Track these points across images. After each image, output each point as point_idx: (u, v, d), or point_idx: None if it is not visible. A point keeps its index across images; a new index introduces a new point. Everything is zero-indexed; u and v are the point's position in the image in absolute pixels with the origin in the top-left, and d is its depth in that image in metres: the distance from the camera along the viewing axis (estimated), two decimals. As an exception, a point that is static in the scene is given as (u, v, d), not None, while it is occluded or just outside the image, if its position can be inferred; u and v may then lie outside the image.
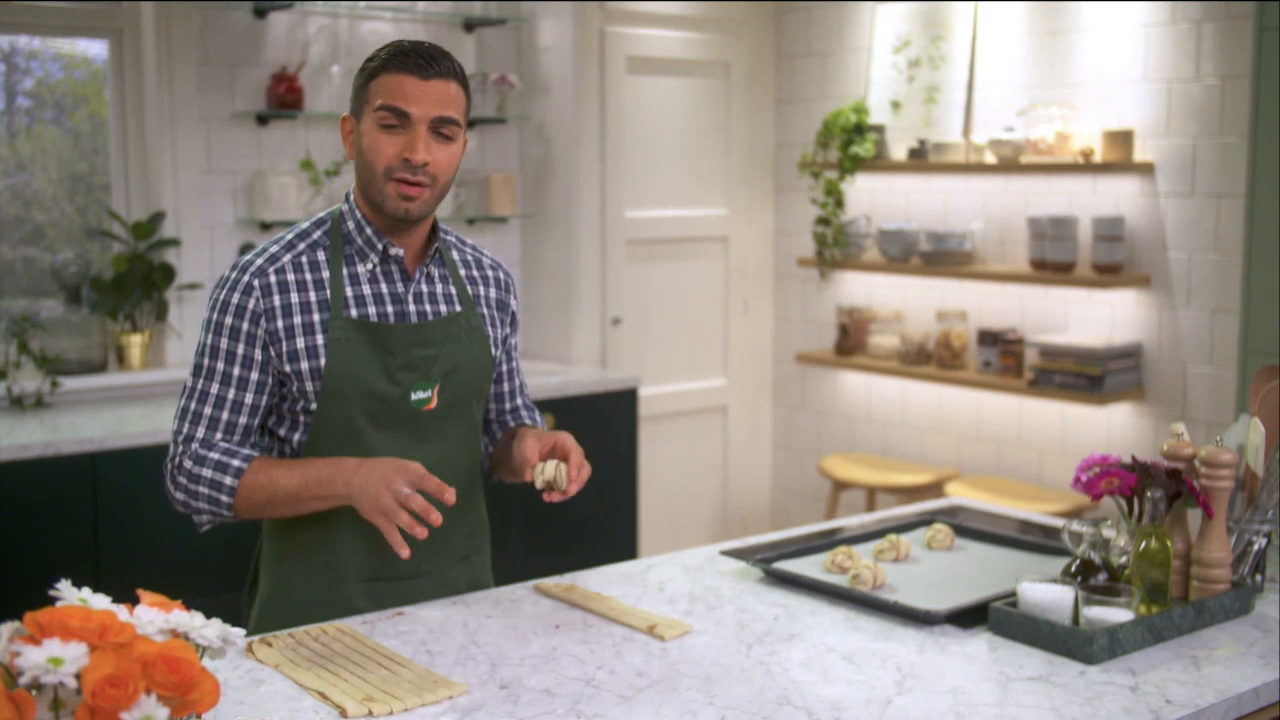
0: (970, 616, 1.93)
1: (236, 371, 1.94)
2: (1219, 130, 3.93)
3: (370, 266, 1.99)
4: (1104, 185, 4.22)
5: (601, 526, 4.29)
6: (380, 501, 1.82)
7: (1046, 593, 1.86)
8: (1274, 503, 2.07)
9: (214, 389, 1.94)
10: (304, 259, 1.97)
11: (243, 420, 1.96)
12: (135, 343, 3.99)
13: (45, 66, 4.09)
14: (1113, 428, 4.25)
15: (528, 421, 2.24)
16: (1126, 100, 4.13)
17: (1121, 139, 4.06)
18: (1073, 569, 1.94)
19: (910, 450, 4.87)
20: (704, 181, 5.12)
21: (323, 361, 1.93)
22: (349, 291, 1.97)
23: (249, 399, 1.95)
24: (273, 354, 1.94)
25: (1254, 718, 1.74)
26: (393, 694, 1.63)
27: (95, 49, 4.11)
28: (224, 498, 1.92)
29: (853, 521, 2.54)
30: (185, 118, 4.04)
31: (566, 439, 2.01)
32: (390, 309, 1.99)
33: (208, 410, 1.94)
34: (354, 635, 1.85)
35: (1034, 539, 2.32)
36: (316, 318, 1.94)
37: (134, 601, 1.24)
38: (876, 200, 4.91)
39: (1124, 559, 1.93)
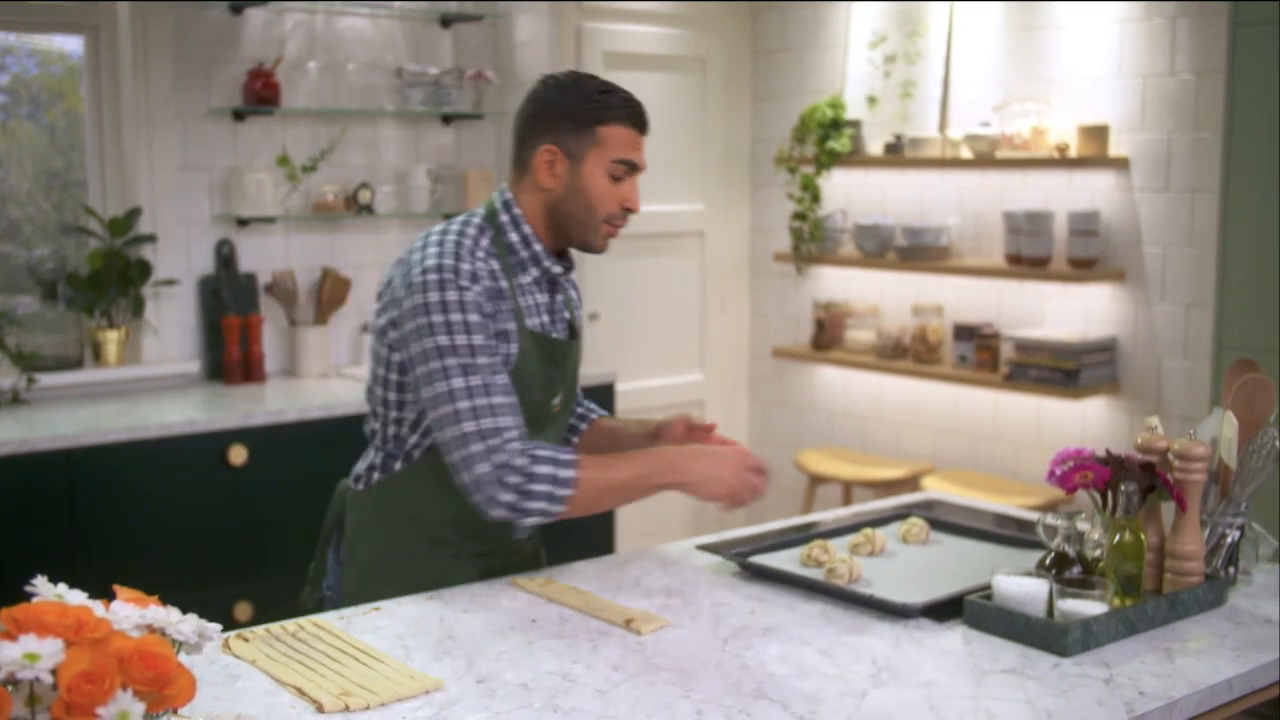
0: (945, 610, 1.94)
1: (496, 360, 1.98)
2: (1193, 125, 3.95)
3: (531, 278, 2.10)
4: (1079, 180, 4.24)
5: (579, 522, 4.28)
6: (732, 487, 2.00)
7: (1021, 586, 1.87)
8: (1247, 495, 2.08)
9: (491, 380, 1.96)
10: (487, 266, 2.03)
11: (515, 398, 2.00)
12: (112, 339, 3.97)
13: (21, 62, 4.07)
14: (1088, 422, 4.28)
15: (597, 412, 2.39)
16: (1101, 95, 4.15)
17: (1096, 134, 4.08)
18: (1047, 562, 1.95)
19: (887, 445, 4.89)
20: (681, 177, 5.12)
21: (511, 368, 2.02)
22: (522, 301, 2.08)
23: (508, 380, 2.00)
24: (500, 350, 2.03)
25: (1226, 709, 1.76)
26: (369, 688, 1.63)
27: (71, 45, 4.08)
28: (561, 491, 1.94)
29: (828, 516, 2.55)
30: (161, 114, 4.02)
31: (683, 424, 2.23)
32: (547, 319, 2.13)
33: (499, 400, 1.95)
34: (331, 630, 1.85)
35: (1009, 532, 2.34)
36: (510, 326, 2.03)
37: (111, 598, 1.24)
38: (853, 195, 4.92)
39: (1098, 552, 1.95)
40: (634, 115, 2.08)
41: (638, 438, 2.26)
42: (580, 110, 2.05)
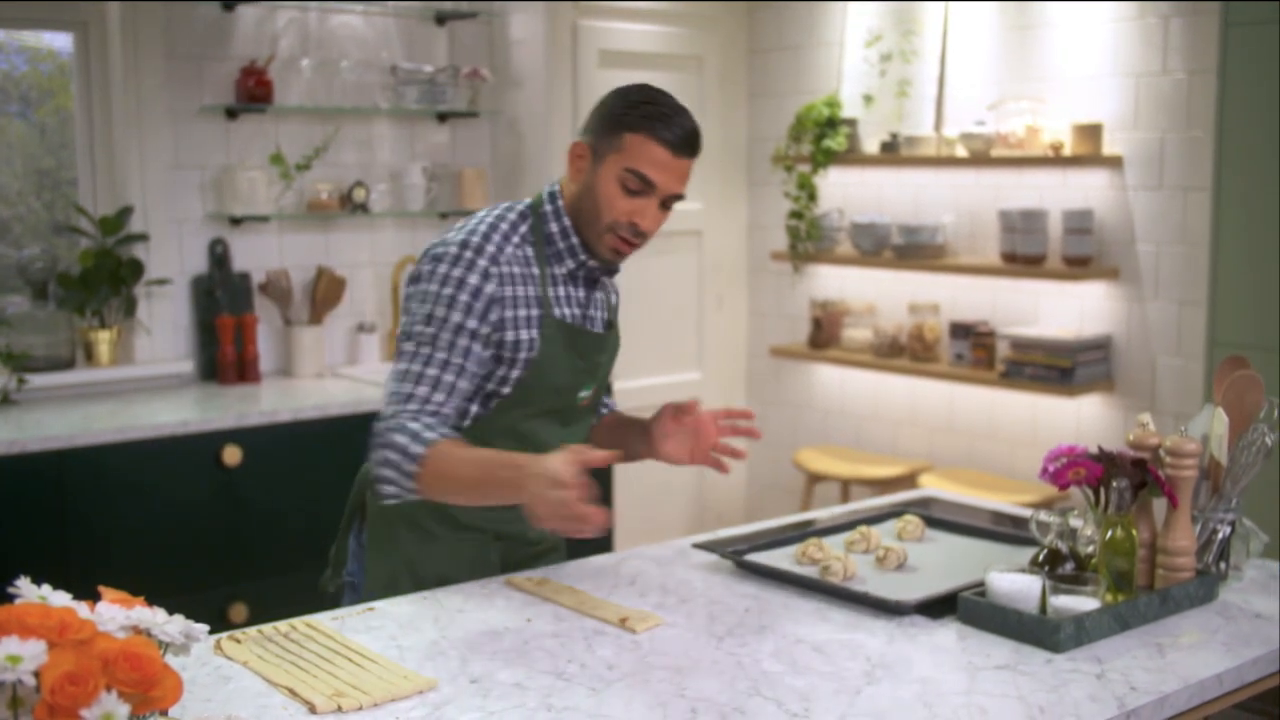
0: (939, 607, 1.94)
1: (463, 343, 1.97)
2: (1186, 124, 3.95)
3: (567, 270, 2.09)
4: (1073, 179, 4.24)
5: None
6: (547, 519, 1.79)
7: (1014, 582, 1.87)
8: (1238, 491, 2.08)
9: (440, 355, 1.97)
10: (519, 252, 2.04)
11: (462, 386, 1.98)
12: (103, 339, 3.96)
13: (10, 60, 4.06)
14: (1083, 419, 4.28)
15: (613, 406, 2.39)
16: (1095, 94, 4.15)
17: (1090, 133, 4.08)
18: (1040, 559, 1.95)
19: (884, 443, 4.88)
20: (676, 175, 5.11)
21: (533, 355, 2.03)
22: (552, 291, 2.07)
23: (470, 369, 1.99)
24: (495, 338, 2.00)
25: (1217, 704, 1.75)
26: (362, 689, 1.63)
27: (61, 42, 4.07)
28: (408, 466, 1.90)
29: (824, 514, 2.55)
30: (153, 112, 4.01)
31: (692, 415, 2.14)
32: (579, 312, 2.11)
33: (433, 372, 1.96)
34: (323, 631, 1.85)
35: (1004, 529, 2.33)
36: (534, 313, 2.03)
37: (98, 599, 1.24)
38: (849, 194, 4.92)
39: (1090, 548, 1.95)
40: (666, 131, 1.99)
41: (636, 429, 2.23)
42: (617, 113, 2.03)
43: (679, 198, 2.05)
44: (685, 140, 2.01)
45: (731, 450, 2.14)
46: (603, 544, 4.32)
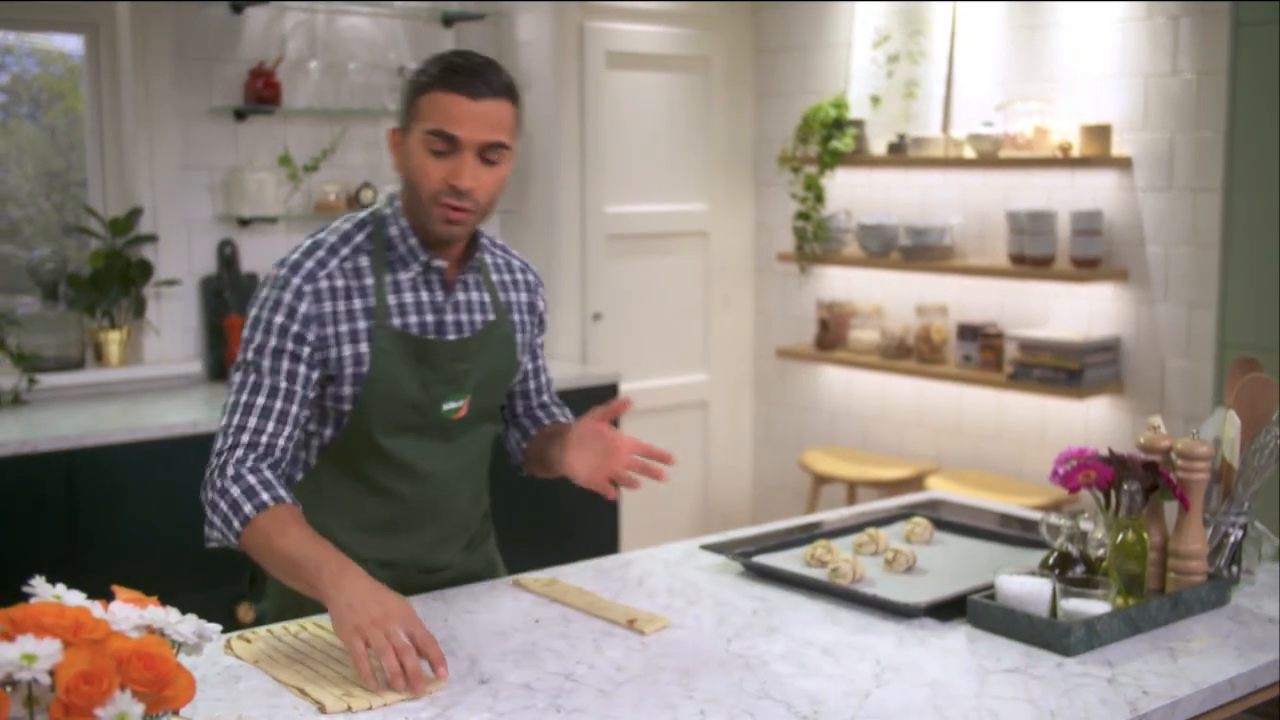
0: (949, 609, 1.93)
1: (286, 366, 1.89)
2: (1195, 125, 3.94)
3: (412, 275, 1.97)
4: (1082, 180, 4.23)
5: (582, 521, 4.29)
6: (368, 630, 1.63)
7: (1024, 585, 1.87)
8: (1249, 495, 2.08)
9: (266, 382, 1.89)
10: (348, 264, 1.94)
11: (294, 410, 1.90)
12: (113, 339, 3.97)
13: (21, 62, 4.07)
14: (1091, 421, 4.27)
15: (560, 418, 2.23)
16: (1104, 95, 4.14)
17: (1099, 133, 4.08)
18: (1050, 561, 1.94)
19: (890, 444, 4.88)
20: (684, 176, 5.12)
21: (365, 369, 1.92)
22: (392, 300, 1.95)
23: (299, 392, 1.90)
24: (318, 357, 1.92)
25: (1229, 708, 1.75)
26: (371, 689, 1.63)
27: (71, 44, 4.08)
28: (236, 524, 1.81)
29: (832, 515, 2.55)
30: (162, 113, 4.02)
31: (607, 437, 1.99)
32: (430, 319, 1.98)
33: (260, 401, 1.88)
34: (333, 631, 1.85)
35: (1013, 532, 2.33)
36: (362, 325, 1.93)
37: (111, 599, 1.24)
38: (856, 195, 4.91)
39: (1101, 551, 1.94)
40: (452, 78, 1.85)
41: (559, 440, 2.07)
42: (411, 84, 1.90)
43: (502, 147, 1.89)
44: (478, 83, 1.85)
45: (627, 480, 1.99)
46: (609, 545, 4.32)
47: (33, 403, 3.74)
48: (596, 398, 4.66)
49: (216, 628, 1.29)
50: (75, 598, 1.18)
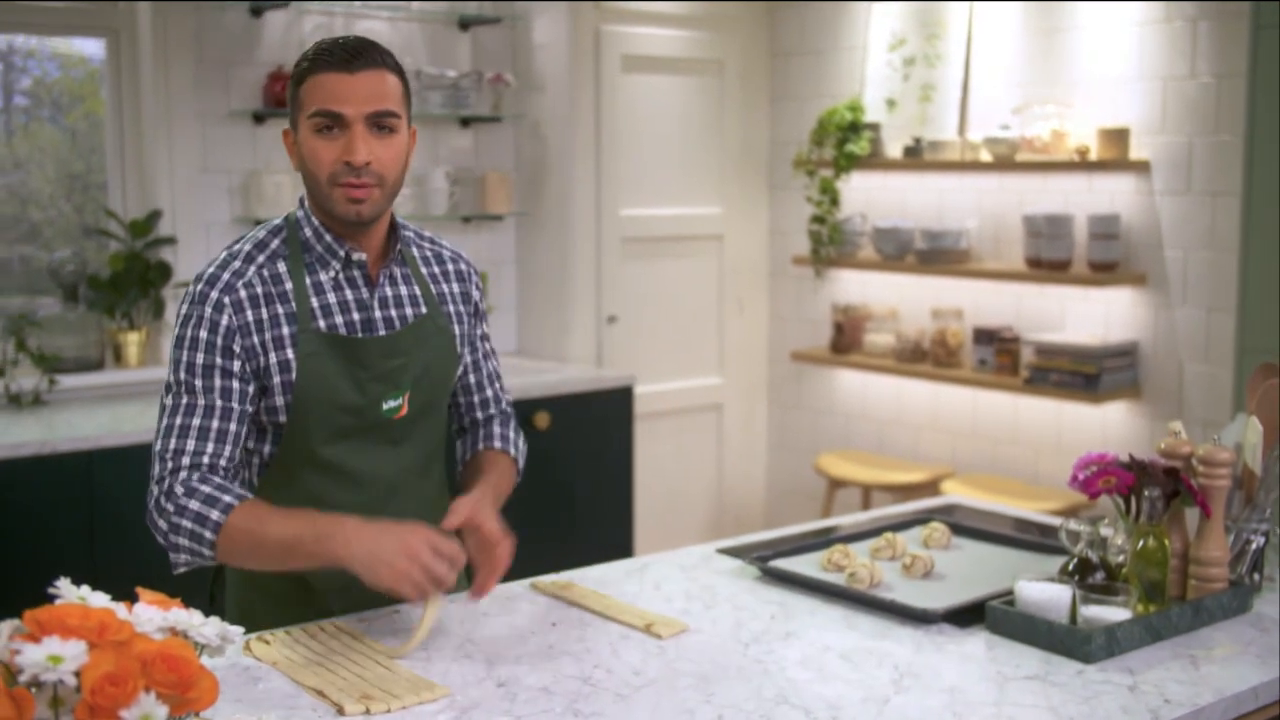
0: (967, 615, 1.93)
1: (219, 383, 1.84)
2: (1214, 128, 3.93)
3: (333, 274, 1.92)
4: (1099, 183, 4.22)
5: (597, 524, 4.29)
6: (405, 570, 1.70)
7: (1044, 591, 1.86)
8: (1272, 501, 2.07)
9: (200, 402, 1.84)
10: (265, 271, 1.89)
11: (233, 428, 1.85)
12: (132, 341, 3.98)
13: (42, 65, 4.09)
14: (1108, 426, 4.26)
15: (496, 443, 2.14)
16: (1122, 98, 4.13)
17: (1117, 137, 4.06)
18: (1070, 568, 1.94)
19: (905, 448, 4.87)
20: (699, 180, 5.12)
21: (294, 376, 1.86)
22: (314, 302, 1.89)
23: (236, 408, 1.85)
24: (250, 368, 1.87)
25: (1252, 717, 1.74)
26: (390, 692, 1.63)
27: (92, 48, 4.10)
28: (208, 534, 1.77)
29: (849, 520, 2.54)
30: (181, 116, 4.04)
31: (490, 540, 1.87)
32: (357, 317, 1.92)
33: (196, 422, 1.83)
34: (351, 633, 1.85)
35: (1030, 537, 2.32)
36: (285, 331, 1.87)
37: (131, 600, 1.24)
38: (872, 198, 4.91)
39: (1121, 558, 1.93)
40: (327, 59, 1.81)
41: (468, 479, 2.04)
42: (291, 81, 1.86)
43: (391, 115, 1.84)
44: (353, 54, 1.81)
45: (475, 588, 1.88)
46: (623, 548, 4.33)
47: (52, 403, 3.75)
48: (611, 401, 4.68)
49: (239, 630, 1.29)
50: (100, 599, 1.19)
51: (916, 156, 4.57)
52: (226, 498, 1.79)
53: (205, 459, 1.82)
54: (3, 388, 3.69)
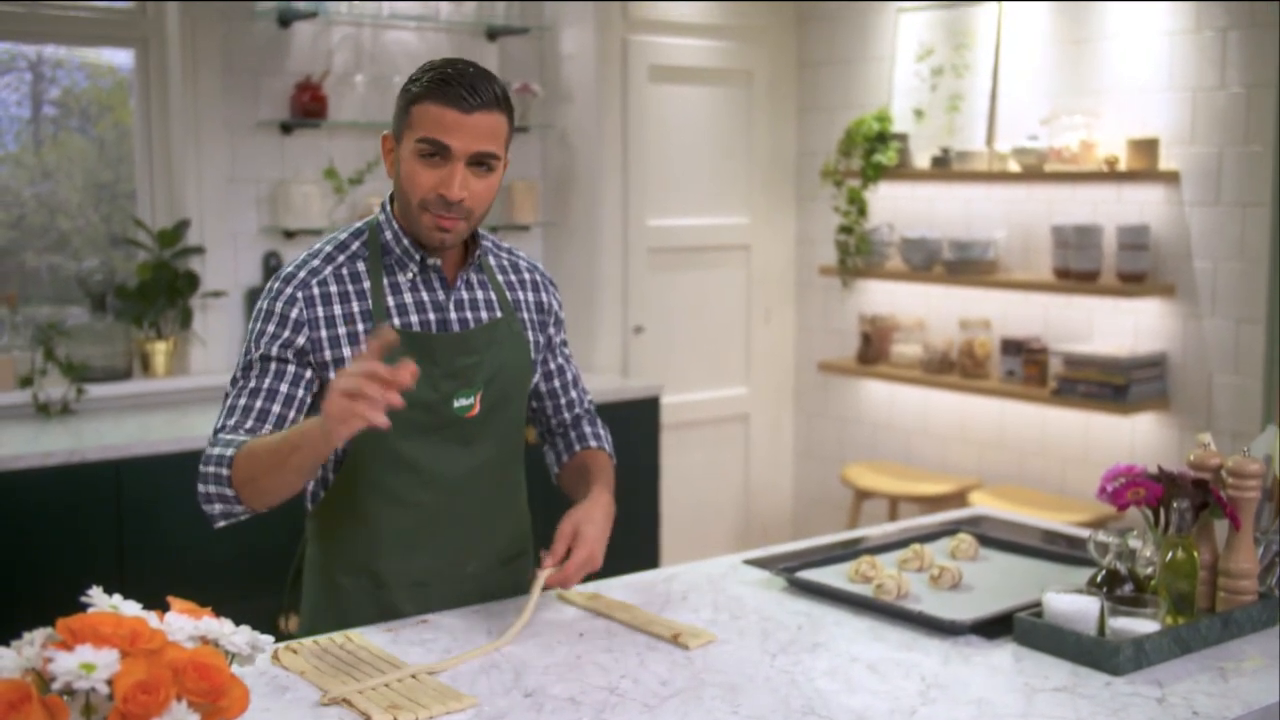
0: (995, 627, 1.92)
1: (274, 368, 1.91)
2: (1244, 139, 3.90)
3: (411, 275, 1.98)
4: (1128, 194, 4.20)
5: (623, 535, 4.28)
6: (334, 413, 1.61)
7: (1072, 603, 1.85)
8: (1302, 514, 2.05)
9: (251, 385, 1.91)
10: (344, 270, 1.96)
11: (275, 409, 1.90)
12: (160, 350, 4.01)
13: (71, 75, 4.13)
14: (1137, 437, 4.23)
15: (591, 442, 2.22)
16: (1151, 108, 4.11)
17: (1146, 147, 4.04)
18: (1098, 579, 1.93)
19: (933, 459, 4.85)
20: (726, 190, 5.12)
21: None
22: (390, 300, 1.96)
23: (284, 390, 1.90)
24: (315, 362, 1.93)
25: (1282, 730, 1.73)
26: (418, 701, 1.63)
27: (121, 58, 4.14)
28: (224, 471, 1.82)
29: (876, 531, 2.54)
30: (210, 126, 4.07)
31: (585, 537, 1.98)
32: (433, 317, 1.98)
33: (243, 402, 1.90)
34: (377, 643, 1.86)
35: (1058, 549, 2.31)
36: (360, 327, 1.94)
37: (160, 608, 1.25)
38: (899, 208, 4.90)
39: (1150, 570, 1.92)
40: (447, 91, 1.85)
41: (583, 488, 2.11)
42: (405, 93, 1.91)
43: (493, 157, 1.89)
44: (469, 95, 1.85)
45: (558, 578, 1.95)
46: (650, 558, 4.32)
47: (81, 413, 3.78)
48: (638, 410, 4.68)
49: (269, 639, 1.30)
50: (132, 608, 1.20)
51: (944, 167, 4.56)
52: (239, 437, 1.85)
53: (243, 433, 1.88)
54: (31, 397, 3.72)
